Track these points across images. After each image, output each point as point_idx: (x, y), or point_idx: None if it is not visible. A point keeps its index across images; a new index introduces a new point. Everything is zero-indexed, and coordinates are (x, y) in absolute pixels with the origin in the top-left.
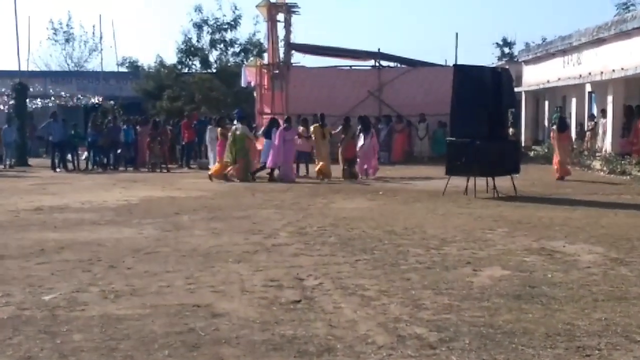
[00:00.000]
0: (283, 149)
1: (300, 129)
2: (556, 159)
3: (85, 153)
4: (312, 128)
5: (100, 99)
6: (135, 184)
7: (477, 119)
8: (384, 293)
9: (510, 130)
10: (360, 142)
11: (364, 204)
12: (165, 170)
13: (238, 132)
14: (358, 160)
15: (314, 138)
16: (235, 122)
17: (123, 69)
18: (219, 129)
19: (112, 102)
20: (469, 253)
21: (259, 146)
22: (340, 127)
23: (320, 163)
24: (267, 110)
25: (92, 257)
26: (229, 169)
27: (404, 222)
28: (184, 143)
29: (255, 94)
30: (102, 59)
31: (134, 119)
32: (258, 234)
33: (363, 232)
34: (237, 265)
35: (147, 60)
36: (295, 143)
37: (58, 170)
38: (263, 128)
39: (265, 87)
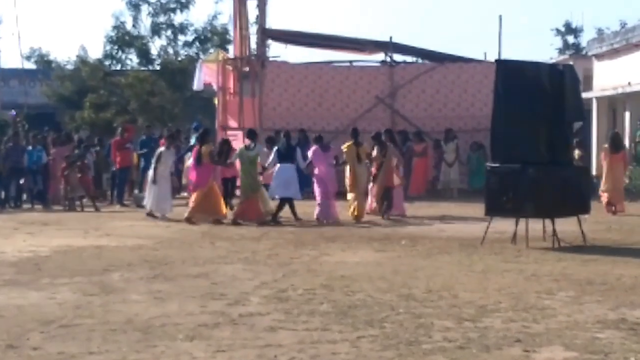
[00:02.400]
0: (325, 178)
1: (266, 151)
2: (604, 186)
3: None
4: (344, 147)
5: None
6: (45, 227)
7: (530, 137)
8: None
9: (577, 152)
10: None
11: (369, 257)
12: (92, 209)
13: (251, 154)
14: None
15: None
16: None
17: (30, 66)
18: (203, 146)
19: (12, 112)
20: (519, 327)
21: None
22: (375, 147)
23: (355, 198)
24: (232, 123)
25: None
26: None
27: (427, 283)
28: (114, 169)
29: (215, 101)
30: None
31: (43, 137)
32: (220, 299)
33: (369, 296)
34: (190, 343)
35: (64, 54)
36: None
37: None
38: (276, 148)
39: (231, 91)
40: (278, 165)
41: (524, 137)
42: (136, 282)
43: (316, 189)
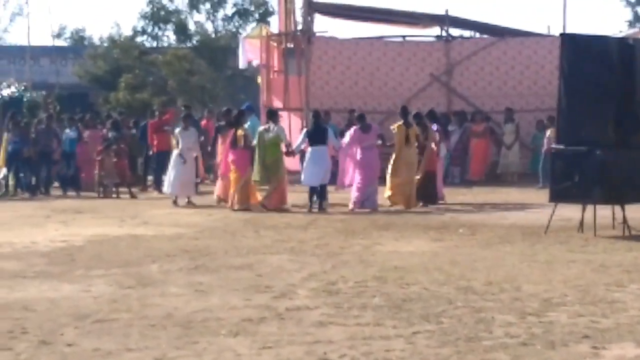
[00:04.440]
0: (362, 162)
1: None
2: None
3: (4, 170)
4: (393, 127)
5: (26, 87)
6: (79, 216)
7: (599, 117)
8: None
9: None
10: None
11: (425, 247)
12: (128, 196)
13: (270, 135)
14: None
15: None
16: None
17: (61, 43)
18: (239, 130)
19: (43, 92)
20: (587, 322)
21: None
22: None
23: (400, 184)
24: (277, 103)
25: (15, 328)
26: (252, 195)
27: (487, 275)
28: (151, 154)
29: (259, 80)
30: (29, 28)
31: (77, 119)
32: (265, 292)
33: (424, 289)
34: (234, 339)
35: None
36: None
37: None
38: (305, 130)
39: (275, 69)
40: (309, 149)
41: (592, 118)
42: (176, 273)
43: (353, 174)
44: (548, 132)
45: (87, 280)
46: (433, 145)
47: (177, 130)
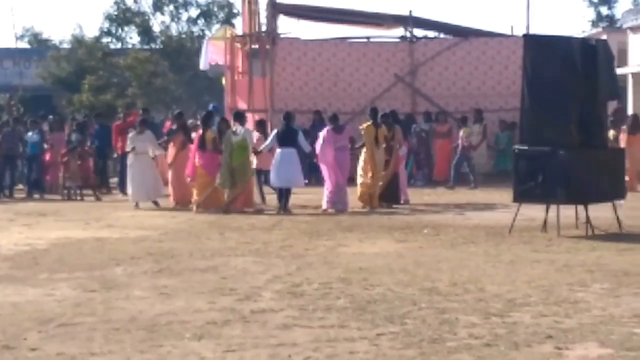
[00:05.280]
0: (335, 163)
1: (256, 135)
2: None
3: None
4: (362, 128)
5: None
6: (43, 219)
7: (562, 118)
8: None
9: (611, 133)
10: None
11: (390, 248)
12: (93, 198)
13: (237, 139)
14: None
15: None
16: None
17: (23, 45)
18: (208, 132)
19: (7, 94)
20: (550, 322)
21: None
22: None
23: (369, 184)
24: (242, 104)
25: None
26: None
27: (452, 276)
28: (115, 156)
29: (223, 81)
30: None
31: (39, 122)
32: (230, 294)
33: (389, 290)
34: (198, 343)
35: (59, 34)
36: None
37: None
38: (275, 131)
39: (240, 70)
40: (278, 150)
41: (555, 118)
42: (140, 276)
43: (325, 175)
44: (461, 132)
45: (51, 284)
46: (397, 145)
47: (130, 134)
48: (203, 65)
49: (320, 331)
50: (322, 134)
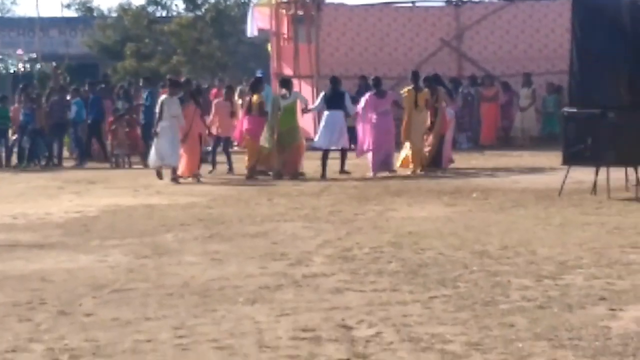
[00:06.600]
0: (377, 127)
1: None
2: None
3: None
4: (404, 92)
5: (35, 58)
6: (92, 186)
7: (610, 80)
8: (476, 347)
9: None
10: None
11: (439, 212)
12: (142, 165)
13: (287, 102)
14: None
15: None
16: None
17: (70, 14)
18: (255, 96)
19: (54, 63)
20: (603, 284)
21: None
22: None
23: (411, 148)
24: (287, 70)
25: (33, 299)
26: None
27: (502, 239)
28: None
29: (269, 48)
30: (37, 0)
31: (82, 90)
32: (281, 259)
33: (440, 254)
34: (251, 307)
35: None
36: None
37: None
38: (323, 93)
39: (285, 36)
40: (326, 112)
41: (604, 80)
42: (191, 242)
43: (369, 139)
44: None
45: (103, 250)
46: (443, 104)
47: (162, 97)
48: (250, 32)
49: (372, 295)
50: (364, 98)
